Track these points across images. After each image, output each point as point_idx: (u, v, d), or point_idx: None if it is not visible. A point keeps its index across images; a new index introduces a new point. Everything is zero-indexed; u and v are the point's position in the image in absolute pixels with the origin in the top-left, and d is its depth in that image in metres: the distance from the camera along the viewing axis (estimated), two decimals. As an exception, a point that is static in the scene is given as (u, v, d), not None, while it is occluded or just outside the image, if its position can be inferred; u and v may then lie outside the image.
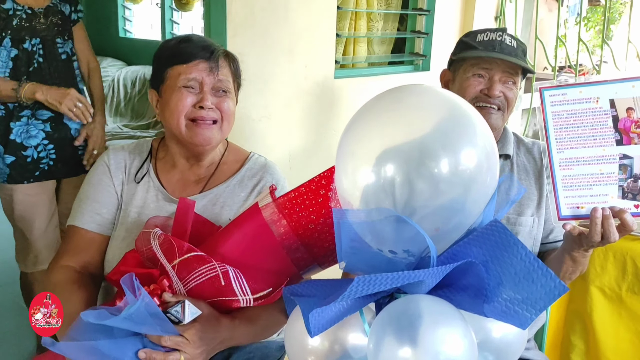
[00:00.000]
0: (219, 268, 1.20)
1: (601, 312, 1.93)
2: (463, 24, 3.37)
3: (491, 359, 1.11)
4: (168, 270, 1.24)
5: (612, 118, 1.29)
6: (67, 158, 2.47)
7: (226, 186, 1.54)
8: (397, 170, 0.94)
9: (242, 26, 2.26)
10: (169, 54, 1.48)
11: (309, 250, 1.26)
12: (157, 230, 1.28)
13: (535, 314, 0.93)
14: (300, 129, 2.57)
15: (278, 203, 1.24)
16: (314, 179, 1.24)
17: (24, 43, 2.34)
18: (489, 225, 0.99)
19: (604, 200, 1.30)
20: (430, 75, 3.19)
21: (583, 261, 1.50)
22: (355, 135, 1.02)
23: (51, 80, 2.39)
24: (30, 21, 2.34)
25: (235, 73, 1.54)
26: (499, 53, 1.59)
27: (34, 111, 2.36)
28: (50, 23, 2.40)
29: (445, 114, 0.98)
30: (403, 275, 0.93)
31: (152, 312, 1.15)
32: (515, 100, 1.64)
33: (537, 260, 0.94)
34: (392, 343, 0.95)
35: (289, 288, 1.18)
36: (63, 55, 2.45)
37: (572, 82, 1.33)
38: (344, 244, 1.03)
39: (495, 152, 1.00)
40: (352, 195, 1.01)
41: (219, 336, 1.25)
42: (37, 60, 2.37)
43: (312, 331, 1.00)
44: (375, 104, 1.03)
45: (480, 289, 0.98)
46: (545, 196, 1.66)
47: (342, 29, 2.91)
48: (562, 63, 5.43)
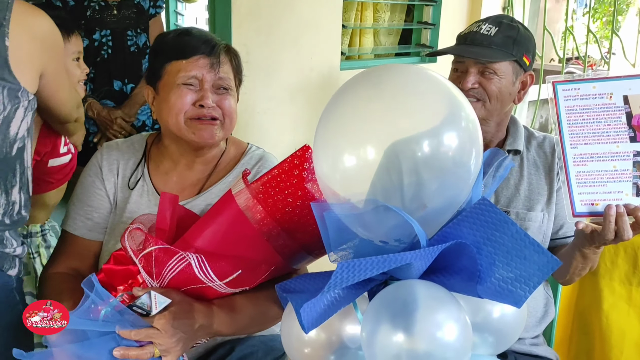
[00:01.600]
0: (186, 257, 1.17)
1: (611, 307, 1.91)
2: (470, 15, 3.34)
3: (491, 339, 1.11)
4: (137, 264, 1.21)
5: (626, 115, 1.29)
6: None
7: (223, 184, 1.49)
8: (380, 153, 0.92)
9: (247, 17, 2.24)
10: (167, 48, 1.41)
11: (291, 236, 1.21)
12: (133, 227, 1.25)
13: (529, 291, 0.92)
14: (306, 121, 2.56)
15: (252, 188, 1.19)
16: (287, 160, 1.18)
17: (93, 34, 2.41)
18: (477, 205, 0.97)
19: (619, 198, 1.29)
20: (437, 66, 3.16)
21: (594, 258, 1.48)
22: (335, 118, 1.00)
23: (117, 73, 2.46)
24: (102, 13, 2.41)
25: (237, 69, 1.47)
26: (465, 46, 1.59)
27: (99, 100, 2.45)
28: (122, 16, 2.45)
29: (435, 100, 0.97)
30: (389, 258, 0.91)
31: (120, 310, 1.13)
32: (499, 89, 1.58)
33: (527, 236, 0.93)
34: (386, 329, 0.94)
35: (280, 285, 1.15)
36: (132, 47, 2.48)
37: (586, 77, 1.32)
38: (331, 234, 1.01)
39: (478, 128, 0.99)
40: (332, 180, 0.99)
41: (194, 322, 1.21)
42: (105, 51, 2.43)
43: (306, 327, 0.98)
44: (355, 86, 1.01)
45: (472, 271, 0.97)
46: (556, 191, 1.63)
47: (348, 19, 2.88)
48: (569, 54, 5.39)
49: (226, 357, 1.40)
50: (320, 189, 1.08)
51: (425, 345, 0.92)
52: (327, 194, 1.03)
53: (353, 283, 0.96)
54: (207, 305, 1.25)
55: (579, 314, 2.01)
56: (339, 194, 0.99)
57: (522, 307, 1.10)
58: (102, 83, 2.47)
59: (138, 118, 2.52)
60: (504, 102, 1.60)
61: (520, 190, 1.63)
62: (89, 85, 2.47)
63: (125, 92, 2.49)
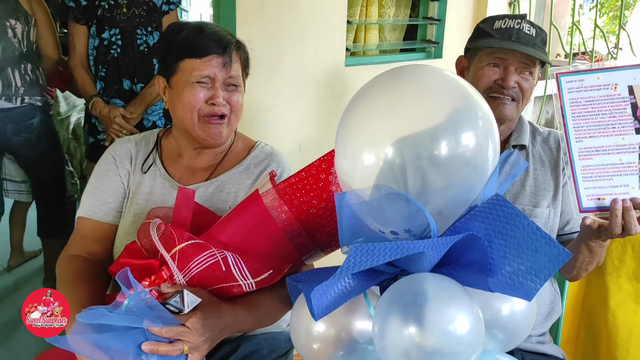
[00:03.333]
0: (218, 254, 1.20)
1: (618, 305, 1.90)
2: (476, 10, 3.32)
3: (500, 336, 1.11)
4: (167, 260, 1.23)
5: (631, 105, 1.27)
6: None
7: (232, 173, 1.55)
8: (398, 153, 0.92)
9: (252, 13, 2.23)
10: (181, 44, 1.45)
11: (310, 235, 1.25)
12: (157, 221, 1.28)
13: (540, 284, 0.91)
14: (311, 118, 2.55)
15: (279, 189, 1.23)
16: (314, 163, 1.23)
17: (103, 33, 2.42)
18: (490, 200, 0.97)
19: (625, 191, 1.27)
20: (443, 63, 3.15)
21: (600, 251, 1.47)
22: (356, 117, 1.00)
23: (126, 72, 2.46)
24: (112, 12, 2.41)
25: (245, 63, 1.53)
26: (515, 43, 1.54)
27: (109, 99, 2.47)
28: (132, 14, 2.44)
29: (449, 99, 0.96)
30: (402, 245, 0.91)
31: (150, 305, 1.14)
32: (531, 90, 1.60)
33: (539, 229, 0.92)
34: (398, 322, 0.94)
35: (292, 277, 1.17)
36: (142, 46, 2.48)
37: (589, 68, 1.29)
38: (345, 228, 1.01)
39: (495, 129, 0.99)
40: (351, 178, 1.00)
41: (221, 322, 1.24)
42: (115, 50, 2.44)
43: (316, 314, 0.99)
44: (376, 85, 1.01)
45: (484, 264, 0.96)
46: (562, 187, 1.62)
47: (352, 15, 2.87)
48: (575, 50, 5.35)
49: (232, 354, 1.42)
50: (339, 185, 1.08)
51: (436, 338, 0.92)
52: (345, 189, 1.04)
53: (365, 269, 0.96)
54: (232, 305, 1.29)
55: (586, 312, 2.00)
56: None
57: (532, 304, 1.11)
58: (112, 82, 2.48)
59: (148, 118, 2.53)
60: (528, 101, 1.62)
61: (526, 186, 1.62)
62: (100, 83, 2.49)
63: (135, 91, 2.51)
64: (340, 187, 1.07)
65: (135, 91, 2.51)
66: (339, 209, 1.00)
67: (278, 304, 1.38)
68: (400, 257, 0.95)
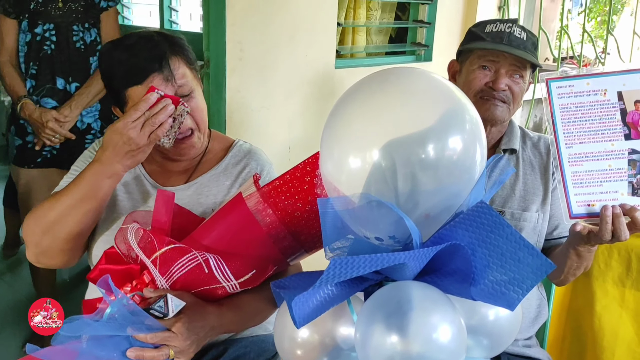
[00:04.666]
0: (199, 257, 1.18)
1: (604, 309, 1.91)
2: (466, 14, 3.33)
3: (485, 342, 1.10)
4: (148, 265, 1.22)
5: (621, 111, 1.26)
6: (73, 149, 2.37)
7: (211, 175, 1.50)
8: (388, 156, 0.91)
9: (242, 14, 2.22)
10: (118, 73, 1.36)
11: (295, 237, 1.23)
12: (135, 225, 1.25)
13: (523, 294, 0.91)
14: (300, 120, 2.54)
15: (263, 192, 1.21)
16: (299, 166, 1.20)
17: (36, 28, 2.28)
18: (474, 207, 0.97)
19: (614, 198, 1.27)
20: (433, 65, 3.15)
21: (588, 256, 1.48)
22: (344, 120, 0.99)
23: (60, 70, 2.33)
24: (47, 5, 2.28)
25: (189, 61, 1.42)
26: (506, 45, 1.55)
27: (39, 98, 2.33)
28: (68, 9, 2.31)
29: (436, 101, 0.96)
30: (383, 257, 0.91)
31: (133, 311, 1.13)
32: (521, 94, 1.61)
33: (522, 238, 0.93)
34: (381, 330, 0.93)
35: (275, 282, 1.16)
36: (79, 43, 2.36)
37: (579, 74, 1.29)
38: (329, 233, 1.01)
39: (482, 132, 0.99)
40: (338, 181, 0.99)
41: (207, 324, 1.23)
42: (48, 47, 2.31)
43: (297, 321, 0.98)
44: (363, 87, 1.01)
45: (467, 273, 0.96)
46: (551, 191, 1.63)
47: (340, 17, 2.87)
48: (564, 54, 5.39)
49: (219, 357, 1.41)
50: (324, 187, 1.07)
51: (419, 346, 0.92)
52: (331, 192, 1.03)
53: (345, 280, 0.95)
54: (218, 307, 1.27)
55: (572, 316, 2.01)
56: (345, 194, 0.99)
57: (517, 310, 1.11)
58: (44, 80, 2.33)
59: (83, 120, 2.40)
60: (519, 105, 1.62)
61: (515, 190, 1.62)
62: (30, 82, 2.34)
63: (69, 91, 2.37)
64: (325, 190, 1.06)
65: (69, 91, 2.37)
66: (322, 215, 0.99)
67: (265, 304, 1.37)
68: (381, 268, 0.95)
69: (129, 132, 1.26)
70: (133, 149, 1.28)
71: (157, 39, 1.38)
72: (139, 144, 1.28)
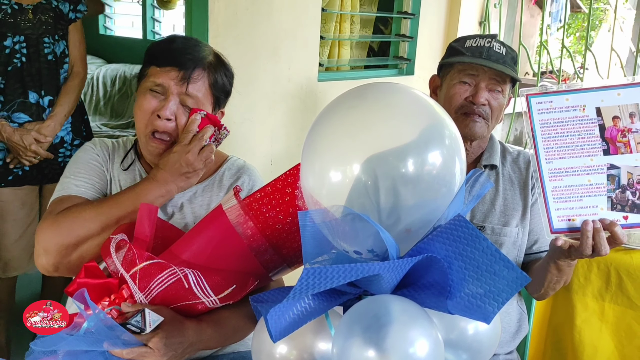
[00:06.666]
0: (179, 272, 1.17)
1: (584, 323, 1.92)
2: (448, 29, 3.37)
3: (465, 357, 1.10)
4: (127, 280, 1.20)
5: (599, 127, 1.28)
6: (44, 164, 2.35)
7: (204, 186, 1.49)
8: (369, 170, 0.92)
9: (225, 26, 2.22)
10: (151, 52, 1.40)
11: (277, 251, 1.22)
12: (119, 237, 1.24)
13: (498, 307, 0.91)
14: (283, 132, 2.54)
15: (243, 204, 1.20)
16: (280, 178, 1.20)
17: (5, 40, 2.21)
18: (451, 221, 0.97)
19: (594, 212, 1.28)
20: (414, 79, 3.18)
21: (568, 270, 1.48)
22: (325, 134, 0.99)
23: (32, 83, 2.26)
24: (15, 17, 2.21)
25: (215, 85, 1.42)
26: (485, 60, 1.56)
27: (10, 114, 2.26)
28: (38, 21, 2.25)
29: (416, 116, 0.97)
30: (357, 267, 0.90)
31: (110, 326, 1.12)
32: (500, 109, 1.62)
33: (498, 251, 0.93)
34: (358, 344, 0.93)
35: (254, 297, 1.15)
36: (50, 56, 2.30)
37: (558, 89, 1.30)
38: (308, 246, 1.01)
39: (462, 147, 0.99)
40: (319, 195, 0.98)
41: (185, 340, 1.21)
42: (19, 59, 2.23)
43: (274, 335, 0.97)
44: (344, 102, 1.01)
45: (443, 286, 0.97)
46: (530, 206, 1.64)
47: (327, 31, 2.88)
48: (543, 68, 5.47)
49: (200, 373, 1.38)
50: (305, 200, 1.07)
51: (396, 360, 0.91)
52: (311, 207, 1.02)
53: (320, 291, 0.94)
54: (197, 322, 1.25)
55: (553, 330, 2.02)
56: (325, 207, 0.98)
57: (497, 324, 1.11)
58: (15, 95, 2.24)
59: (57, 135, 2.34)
60: (499, 120, 1.63)
61: (495, 206, 1.63)
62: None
63: (42, 105, 2.29)
64: (306, 203, 1.06)
65: (42, 105, 2.29)
66: (302, 227, 0.99)
67: (245, 321, 1.35)
68: (356, 279, 0.94)
69: (187, 155, 1.33)
70: (189, 171, 1.35)
71: (203, 51, 1.41)
72: (196, 167, 1.35)
